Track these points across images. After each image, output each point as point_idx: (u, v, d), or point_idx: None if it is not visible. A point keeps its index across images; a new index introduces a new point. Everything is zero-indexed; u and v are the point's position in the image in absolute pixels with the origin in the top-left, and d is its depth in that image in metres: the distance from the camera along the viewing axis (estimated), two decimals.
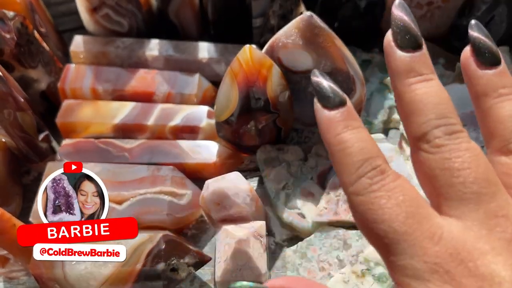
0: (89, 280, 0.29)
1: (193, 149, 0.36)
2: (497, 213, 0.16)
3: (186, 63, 0.42)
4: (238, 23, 0.43)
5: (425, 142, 0.17)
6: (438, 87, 0.18)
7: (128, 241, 0.30)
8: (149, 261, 0.30)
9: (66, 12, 0.46)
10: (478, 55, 0.19)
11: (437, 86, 0.18)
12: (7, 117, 0.33)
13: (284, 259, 0.33)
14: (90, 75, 0.40)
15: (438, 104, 0.18)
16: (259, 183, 0.38)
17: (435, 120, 0.17)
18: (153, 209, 0.32)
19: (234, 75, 0.32)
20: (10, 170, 0.37)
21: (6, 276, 0.33)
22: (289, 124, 0.36)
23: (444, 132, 0.17)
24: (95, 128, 0.37)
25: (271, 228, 0.35)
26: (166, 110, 0.38)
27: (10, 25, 0.34)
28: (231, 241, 0.30)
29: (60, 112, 0.38)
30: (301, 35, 0.31)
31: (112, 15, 0.41)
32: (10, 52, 0.34)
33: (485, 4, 0.38)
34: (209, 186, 0.30)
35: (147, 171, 0.34)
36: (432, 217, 0.16)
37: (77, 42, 0.42)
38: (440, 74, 0.41)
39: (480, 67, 0.19)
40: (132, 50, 0.42)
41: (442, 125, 0.17)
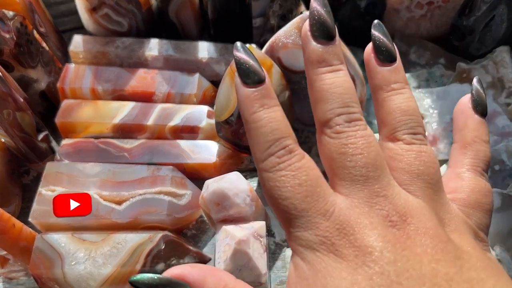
0: (89, 281, 0.29)
1: (193, 149, 0.36)
2: (379, 193, 0.18)
3: (186, 63, 0.42)
4: (238, 23, 0.43)
5: (328, 127, 0.20)
6: (344, 77, 0.20)
7: (127, 241, 0.30)
8: (149, 261, 0.29)
9: (65, 12, 0.46)
10: (377, 52, 0.21)
11: (344, 77, 0.20)
12: (6, 117, 0.33)
13: (284, 260, 0.33)
14: (90, 75, 0.39)
15: (342, 94, 0.20)
16: (259, 183, 0.38)
17: (337, 109, 0.20)
18: (153, 209, 0.32)
19: (234, 75, 0.31)
20: (9, 170, 0.37)
21: (6, 277, 0.33)
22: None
23: (345, 120, 0.19)
24: (95, 128, 0.37)
25: (271, 228, 0.35)
26: (166, 110, 0.38)
27: (10, 25, 0.34)
28: (231, 241, 0.30)
29: (60, 112, 0.37)
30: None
31: (112, 15, 0.41)
32: (10, 52, 0.34)
33: (486, 4, 0.37)
34: (209, 186, 0.30)
35: (147, 171, 0.34)
36: (328, 195, 0.18)
37: (76, 42, 0.42)
38: (440, 74, 0.41)
39: (378, 63, 0.21)
40: (132, 50, 0.42)
41: (343, 113, 0.19)
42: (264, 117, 0.20)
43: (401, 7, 0.41)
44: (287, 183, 0.18)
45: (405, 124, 0.20)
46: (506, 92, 0.39)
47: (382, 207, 0.18)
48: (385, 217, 0.18)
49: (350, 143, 0.19)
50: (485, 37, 0.40)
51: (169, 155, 0.36)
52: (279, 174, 0.19)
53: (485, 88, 0.39)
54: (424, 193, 0.19)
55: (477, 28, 0.39)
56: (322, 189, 0.19)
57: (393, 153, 0.20)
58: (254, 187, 0.37)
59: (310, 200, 0.18)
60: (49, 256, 0.30)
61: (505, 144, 0.35)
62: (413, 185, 0.19)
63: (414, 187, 0.19)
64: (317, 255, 0.18)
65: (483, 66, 0.40)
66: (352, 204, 0.18)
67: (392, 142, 0.21)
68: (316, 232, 0.18)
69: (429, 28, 0.43)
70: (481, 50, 0.41)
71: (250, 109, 0.20)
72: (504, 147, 0.35)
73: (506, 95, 0.39)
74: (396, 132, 0.20)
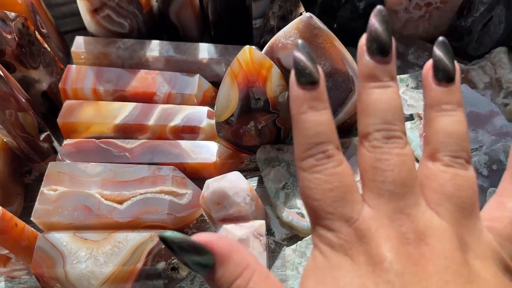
0: (90, 279, 0.29)
1: (193, 149, 0.36)
2: (402, 210, 0.19)
3: (186, 63, 0.42)
4: (238, 24, 0.43)
5: (366, 140, 0.20)
6: (392, 95, 0.21)
7: (129, 240, 0.30)
8: (150, 260, 0.30)
9: (67, 13, 0.47)
10: (435, 70, 0.21)
11: (391, 94, 0.21)
12: (8, 117, 0.33)
13: (283, 258, 0.34)
14: (91, 75, 0.40)
15: (386, 111, 0.20)
16: (259, 183, 0.38)
17: (378, 124, 0.20)
18: (154, 209, 0.32)
19: (234, 75, 0.32)
20: (11, 170, 0.37)
21: (8, 276, 0.33)
22: (289, 124, 0.36)
23: (383, 136, 0.20)
24: (96, 128, 0.37)
25: (271, 227, 0.35)
26: (167, 111, 0.38)
27: (12, 26, 0.34)
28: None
29: (62, 112, 0.38)
30: (301, 35, 0.31)
31: (113, 16, 0.41)
32: (12, 53, 0.35)
33: (484, 5, 0.38)
34: (209, 186, 0.30)
35: (148, 171, 0.34)
36: (355, 204, 0.19)
37: (78, 43, 0.42)
38: None
39: (435, 81, 0.21)
40: (133, 51, 0.42)
41: (383, 129, 0.20)
42: (310, 119, 0.20)
43: (399, 8, 0.41)
44: (320, 186, 0.20)
45: (447, 146, 0.21)
46: (504, 92, 0.39)
47: (402, 224, 0.19)
48: (403, 233, 0.19)
49: (384, 158, 0.20)
50: (483, 38, 0.40)
51: (170, 155, 0.36)
52: (314, 176, 0.20)
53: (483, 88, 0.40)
54: (451, 216, 0.19)
55: (475, 29, 0.40)
56: (352, 197, 0.20)
57: (429, 173, 0.21)
58: (254, 186, 0.38)
59: (337, 205, 0.19)
60: (51, 255, 0.30)
61: (503, 144, 0.35)
62: (442, 206, 0.20)
63: (442, 208, 0.20)
64: (335, 254, 0.19)
65: (481, 67, 0.40)
66: (374, 215, 0.19)
67: (431, 162, 0.21)
68: (337, 234, 0.19)
69: (427, 29, 0.43)
70: (479, 51, 0.41)
71: (299, 109, 0.21)
72: (502, 147, 0.35)
73: (504, 95, 0.39)
74: (437, 153, 0.21)
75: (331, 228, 0.19)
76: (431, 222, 0.19)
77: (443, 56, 0.21)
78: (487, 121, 0.36)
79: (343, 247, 0.19)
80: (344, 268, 0.19)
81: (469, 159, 0.21)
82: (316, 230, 0.20)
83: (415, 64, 0.42)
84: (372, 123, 0.20)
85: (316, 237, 0.20)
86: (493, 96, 0.39)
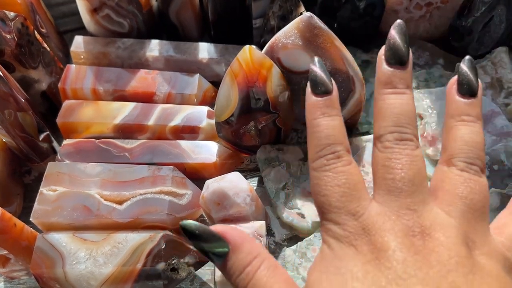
0: (90, 280, 0.29)
1: (193, 149, 0.36)
2: (409, 207, 0.20)
3: (186, 63, 0.42)
4: (238, 24, 0.43)
5: (379, 142, 0.22)
6: (406, 101, 0.22)
7: (128, 241, 0.30)
8: (150, 261, 0.30)
9: (67, 12, 0.47)
10: (459, 85, 0.23)
11: (405, 101, 0.22)
12: (8, 117, 0.33)
13: (284, 259, 0.33)
14: (91, 75, 0.40)
15: (399, 115, 0.22)
16: (259, 183, 0.38)
17: (391, 127, 0.21)
18: (154, 209, 0.32)
19: (234, 75, 0.32)
20: (11, 170, 0.37)
21: (7, 276, 0.33)
22: (289, 124, 0.36)
23: (395, 138, 0.21)
24: (96, 128, 0.37)
25: (271, 228, 0.35)
26: (167, 111, 0.38)
27: (11, 26, 0.34)
28: None
29: (61, 112, 0.38)
30: (301, 35, 0.31)
31: (113, 15, 0.41)
32: (11, 53, 0.35)
33: (484, 4, 0.38)
34: (209, 186, 0.30)
35: (148, 171, 0.34)
36: (362, 200, 0.20)
37: (77, 43, 0.42)
38: (440, 74, 0.41)
39: (458, 94, 0.23)
40: (133, 50, 0.42)
41: (395, 132, 0.21)
42: (322, 124, 0.22)
43: (400, 8, 0.41)
44: (328, 183, 0.21)
45: (463, 153, 0.22)
46: (504, 92, 0.39)
47: (409, 219, 0.19)
48: (409, 227, 0.19)
49: (394, 158, 0.21)
50: (483, 37, 0.40)
51: (170, 155, 0.36)
52: (323, 174, 0.21)
53: (484, 88, 0.39)
54: (461, 215, 0.20)
55: (475, 28, 0.40)
56: (358, 193, 0.21)
57: (444, 176, 0.22)
58: (254, 186, 0.38)
59: (344, 200, 0.20)
60: (50, 255, 0.30)
61: (504, 144, 0.35)
62: (453, 205, 0.20)
63: (452, 207, 0.20)
64: (340, 245, 0.20)
65: (482, 67, 0.40)
66: (382, 211, 0.20)
67: (446, 166, 0.22)
68: (343, 227, 0.20)
69: (428, 29, 0.43)
70: (480, 51, 0.41)
71: (313, 115, 0.22)
72: (503, 147, 0.35)
73: (504, 95, 0.39)
74: (453, 158, 0.22)
75: (337, 221, 0.20)
76: (438, 219, 0.20)
77: (469, 72, 0.23)
78: (488, 121, 0.36)
79: (348, 238, 0.20)
80: (348, 257, 0.19)
81: (484, 168, 0.22)
82: (324, 224, 0.21)
83: (416, 64, 0.42)
84: (386, 126, 0.22)
85: (324, 232, 0.21)
86: (494, 96, 0.39)
